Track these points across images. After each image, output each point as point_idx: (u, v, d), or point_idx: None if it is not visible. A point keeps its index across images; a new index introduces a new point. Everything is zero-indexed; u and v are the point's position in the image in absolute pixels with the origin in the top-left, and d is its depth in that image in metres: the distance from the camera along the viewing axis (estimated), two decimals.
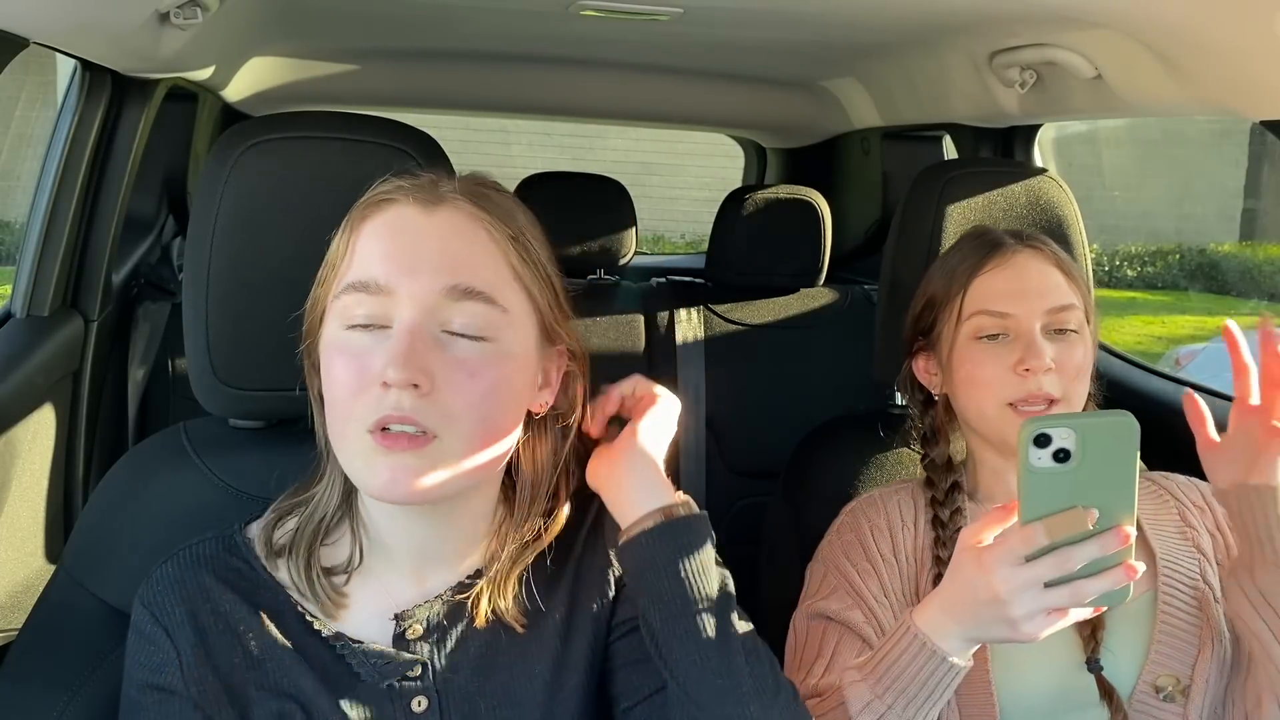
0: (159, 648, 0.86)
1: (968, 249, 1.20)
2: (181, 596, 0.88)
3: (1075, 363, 1.13)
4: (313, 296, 0.89)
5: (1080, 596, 0.88)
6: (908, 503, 1.19)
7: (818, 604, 1.13)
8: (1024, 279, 1.15)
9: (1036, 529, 0.88)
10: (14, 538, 1.47)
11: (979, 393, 1.14)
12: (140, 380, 2.02)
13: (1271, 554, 1.02)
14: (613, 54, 2.24)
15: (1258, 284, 9.32)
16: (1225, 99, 1.31)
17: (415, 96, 2.63)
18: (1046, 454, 0.87)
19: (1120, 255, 9.77)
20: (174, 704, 0.85)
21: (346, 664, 0.88)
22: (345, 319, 0.84)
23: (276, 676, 0.87)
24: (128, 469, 1.07)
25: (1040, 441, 0.87)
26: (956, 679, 0.95)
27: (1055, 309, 1.14)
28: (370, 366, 0.81)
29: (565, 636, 0.94)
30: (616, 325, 2.23)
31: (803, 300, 2.33)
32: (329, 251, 0.88)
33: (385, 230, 0.85)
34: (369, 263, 0.83)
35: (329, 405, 0.85)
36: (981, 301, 1.15)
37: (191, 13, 1.35)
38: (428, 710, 0.88)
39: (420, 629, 0.90)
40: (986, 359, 1.14)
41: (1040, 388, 1.10)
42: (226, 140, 1.02)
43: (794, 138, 3.00)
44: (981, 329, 1.15)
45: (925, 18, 1.62)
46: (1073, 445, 0.87)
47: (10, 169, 5.47)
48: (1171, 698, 1.08)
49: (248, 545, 0.91)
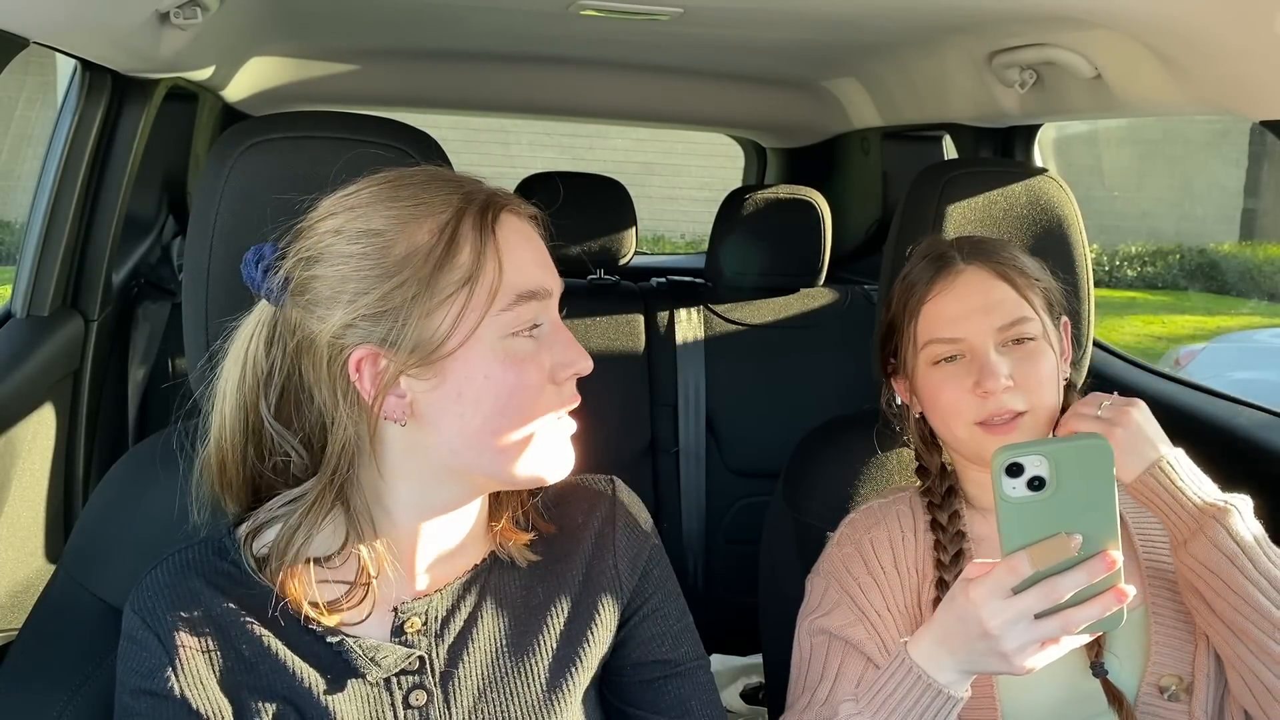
0: (151, 653, 0.86)
1: (918, 270, 1.18)
2: (171, 602, 0.87)
3: (1037, 373, 1.11)
4: (447, 315, 0.84)
5: (1071, 625, 0.87)
6: (906, 513, 1.19)
7: (820, 620, 1.13)
8: (969, 299, 1.13)
9: (1020, 559, 0.87)
10: (14, 538, 1.48)
11: (945, 416, 1.14)
12: (140, 380, 2.02)
13: (1189, 521, 1.03)
14: (613, 54, 2.24)
15: (1258, 284, 9.32)
16: (1225, 99, 1.30)
17: (415, 96, 2.63)
18: (1021, 483, 0.86)
19: (1120, 255, 9.77)
20: (167, 708, 0.85)
21: (344, 660, 0.88)
22: (511, 327, 0.85)
23: (271, 679, 0.87)
24: (128, 469, 1.07)
25: (1013, 471, 0.86)
26: (955, 709, 0.95)
27: (1006, 325, 1.12)
28: (543, 364, 0.87)
29: (570, 629, 0.94)
30: (616, 325, 2.23)
31: (803, 300, 2.33)
32: (452, 269, 0.84)
33: (520, 239, 0.87)
34: (526, 271, 0.86)
35: (495, 407, 0.85)
36: (932, 329, 1.15)
37: (191, 13, 1.35)
38: (427, 703, 0.89)
39: (419, 622, 0.91)
40: (945, 383, 1.13)
41: (1001, 405, 1.09)
42: (226, 140, 1.02)
43: (794, 138, 3.00)
44: (936, 355, 1.14)
45: (925, 18, 1.62)
46: (1046, 472, 0.85)
47: (10, 169, 5.47)
48: (1176, 696, 1.08)
49: (237, 547, 0.90)
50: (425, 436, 0.87)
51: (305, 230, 0.87)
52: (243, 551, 0.90)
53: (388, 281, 0.83)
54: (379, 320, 0.83)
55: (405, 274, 0.83)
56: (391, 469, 0.88)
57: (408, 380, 0.85)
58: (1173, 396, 1.80)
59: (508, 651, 0.92)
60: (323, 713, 0.86)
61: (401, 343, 0.83)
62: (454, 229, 0.84)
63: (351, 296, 0.83)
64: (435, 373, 0.84)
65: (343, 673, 0.88)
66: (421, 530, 0.91)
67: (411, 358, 0.83)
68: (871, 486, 1.35)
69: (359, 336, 0.84)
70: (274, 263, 0.87)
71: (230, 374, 0.90)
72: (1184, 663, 1.09)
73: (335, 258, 0.84)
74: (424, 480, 0.89)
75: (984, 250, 1.17)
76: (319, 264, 0.85)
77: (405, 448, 0.88)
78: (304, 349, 0.86)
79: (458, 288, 0.83)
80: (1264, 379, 4.86)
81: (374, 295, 0.83)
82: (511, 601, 0.94)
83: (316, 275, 0.85)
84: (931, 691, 0.93)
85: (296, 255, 0.86)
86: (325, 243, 0.85)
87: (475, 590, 0.94)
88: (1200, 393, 1.79)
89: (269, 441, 0.89)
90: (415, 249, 0.83)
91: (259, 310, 0.90)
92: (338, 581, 0.88)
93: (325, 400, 0.86)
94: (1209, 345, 5.96)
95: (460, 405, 0.85)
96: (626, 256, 2.41)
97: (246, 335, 0.90)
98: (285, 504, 0.88)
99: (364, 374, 0.84)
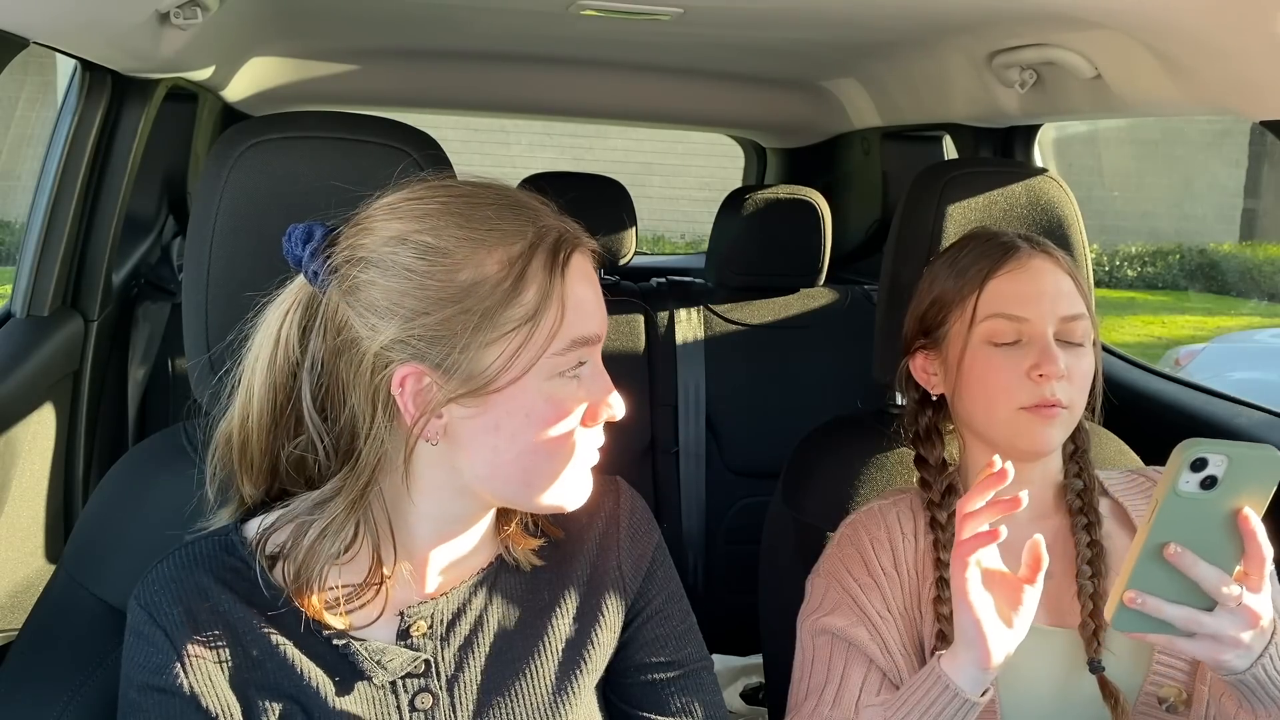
0: (158, 649, 0.85)
1: (980, 250, 1.19)
2: (178, 596, 0.86)
3: (1083, 372, 1.13)
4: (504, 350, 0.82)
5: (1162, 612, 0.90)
6: (907, 514, 1.19)
7: (823, 620, 1.13)
8: (1039, 284, 1.14)
9: (1172, 552, 0.88)
10: (14, 538, 1.48)
11: (991, 396, 1.14)
12: (140, 380, 2.02)
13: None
14: (613, 54, 2.24)
15: (1258, 284, 9.32)
16: (1225, 99, 1.30)
17: (415, 96, 2.63)
18: (1196, 479, 0.86)
19: (1120, 255, 9.77)
20: (175, 704, 0.84)
21: (350, 662, 0.88)
22: (560, 369, 0.85)
23: (277, 677, 0.86)
24: (128, 469, 1.07)
25: (1196, 466, 0.86)
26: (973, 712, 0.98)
27: (1068, 317, 1.14)
28: (581, 405, 0.87)
29: (575, 631, 0.94)
30: (616, 325, 2.23)
31: (803, 300, 2.33)
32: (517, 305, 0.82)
33: (584, 282, 0.87)
34: (586, 316, 0.86)
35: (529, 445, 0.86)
36: (997, 304, 1.15)
37: (191, 13, 1.35)
38: (433, 706, 0.89)
39: (425, 625, 0.90)
40: (1000, 363, 1.13)
41: (1053, 393, 1.10)
42: (226, 140, 1.02)
43: (794, 138, 3.00)
44: (996, 332, 1.14)
45: (925, 18, 1.62)
46: (1222, 473, 0.86)
47: (10, 169, 5.47)
48: (1174, 708, 1.08)
49: (244, 544, 0.89)
50: (455, 458, 0.86)
51: (363, 226, 0.85)
52: (255, 551, 0.88)
53: (450, 307, 0.81)
54: (434, 344, 0.81)
55: (469, 303, 0.81)
56: (415, 482, 0.88)
57: (449, 406, 0.84)
58: (1173, 396, 1.80)
59: (513, 654, 0.92)
60: (329, 713, 0.86)
61: (454, 371, 0.82)
62: (524, 265, 0.82)
63: (409, 315, 0.81)
64: (479, 403, 0.83)
65: (349, 675, 0.88)
66: (434, 537, 0.91)
67: (461, 387, 0.82)
68: (871, 486, 1.35)
69: (409, 354, 0.82)
70: (323, 247, 0.85)
71: (262, 351, 0.88)
72: (1187, 675, 1.09)
73: (396, 269, 0.82)
74: (445, 495, 0.89)
75: (1049, 246, 1.20)
76: (376, 269, 0.82)
77: (431, 464, 0.87)
78: (345, 349, 0.84)
79: (519, 325, 0.82)
80: (1264, 379, 4.87)
81: (433, 319, 0.81)
82: (517, 604, 0.94)
83: (373, 281, 0.82)
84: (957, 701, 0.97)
85: (350, 249, 0.84)
86: (387, 249, 0.82)
87: (482, 593, 0.93)
88: (1200, 393, 1.79)
89: (294, 429, 0.88)
90: (483, 279, 0.82)
91: (296, 288, 0.88)
92: (346, 585, 0.88)
93: (360, 406, 0.84)
94: (1209, 345, 5.96)
95: (496, 437, 0.84)
96: (626, 257, 2.41)
97: (281, 312, 0.87)
98: (309, 508, 0.86)
99: (406, 390, 0.83)
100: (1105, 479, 1.22)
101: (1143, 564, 0.89)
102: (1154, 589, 0.90)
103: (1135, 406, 0.89)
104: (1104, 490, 1.20)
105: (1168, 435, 1.11)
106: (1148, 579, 0.90)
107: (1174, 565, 0.89)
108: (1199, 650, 0.92)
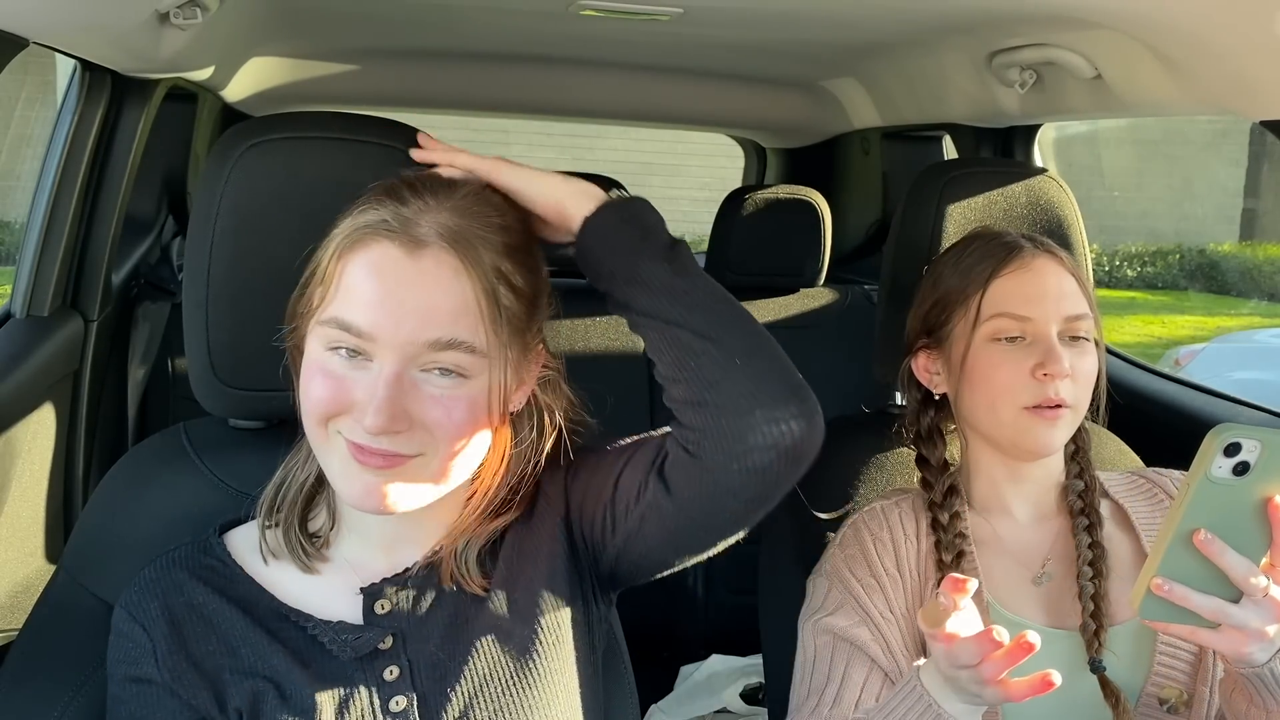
0: (135, 642, 0.90)
1: (984, 249, 1.19)
2: (155, 593, 0.93)
3: (1086, 371, 1.13)
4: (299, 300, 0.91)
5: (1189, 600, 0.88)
6: (909, 514, 1.19)
7: (825, 619, 1.13)
8: (1043, 283, 1.15)
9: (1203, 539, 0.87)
10: (14, 538, 1.48)
11: (995, 396, 1.14)
12: (140, 380, 2.02)
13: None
14: (613, 54, 2.24)
15: (1257, 284, 9.33)
16: (1225, 99, 1.30)
17: (415, 96, 2.63)
18: (1229, 465, 0.85)
19: (1120, 255, 9.78)
20: (151, 692, 0.89)
21: (319, 643, 0.91)
22: (327, 342, 0.87)
23: (251, 661, 0.90)
24: (128, 469, 1.07)
25: (1229, 451, 0.85)
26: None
27: (1072, 317, 1.14)
28: (349, 393, 0.86)
29: (531, 594, 0.95)
30: (617, 325, 2.23)
31: (803, 300, 2.33)
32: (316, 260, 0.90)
33: (370, 272, 0.86)
34: (353, 305, 0.86)
35: (306, 411, 0.89)
36: (1001, 303, 1.15)
37: (191, 13, 1.35)
38: (399, 678, 0.91)
39: (389, 604, 0.93)
40: (1004, 362, 1.13)
41: (1057, 392, 1.10)
42: (226, 140, 1.02)
43: (794, 138, 3.00)
44: (1000, 331, 1.14)
45: (925, 18, 1.62)
46: (1255, 459, 0.85)
47: (10, 169, 5.47)
48: (1175, 709, 1.08)
49: (222, 546, 0.96)
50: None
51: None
52: (229, 548, 0.96)
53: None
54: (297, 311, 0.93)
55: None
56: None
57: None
58: (1173, 396, 1.80)
59: (476, 620, 0.93)
60: (300, 691, 0.88)
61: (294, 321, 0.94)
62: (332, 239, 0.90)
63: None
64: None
65: (317, 655, 0.91)
66: (384, 523, 0.94)
67: (291, 327, 0.93)
68: (872, 487, 1.35)
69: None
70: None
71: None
72: (1188, 676, 1.09)
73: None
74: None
75: (1053, 246, 1.20)
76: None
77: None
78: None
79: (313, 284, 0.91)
80: (1264, 379, 4.87)
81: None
82: (474, 573, 0.95)
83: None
84: (932, 712, 0.93)
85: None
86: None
87: (441, 566, 0.95)
88: (1200, 393, 1.79)
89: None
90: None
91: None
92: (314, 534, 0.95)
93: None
94: (1209, 345, 5.97)
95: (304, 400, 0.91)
96: None
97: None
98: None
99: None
100: (1105, 480, 1.22)
101: (1173, 551, 0.88)
102: (1182, 577, 0.88)
103: (1135, 407, 0.89)
104: (1104, 491, 1.20)
105: (1168, 435, 1.11)
106: (1176, 567, 0.88)
107: (1202, 553, 0.87)
108: (1222, 642, 0.91)
